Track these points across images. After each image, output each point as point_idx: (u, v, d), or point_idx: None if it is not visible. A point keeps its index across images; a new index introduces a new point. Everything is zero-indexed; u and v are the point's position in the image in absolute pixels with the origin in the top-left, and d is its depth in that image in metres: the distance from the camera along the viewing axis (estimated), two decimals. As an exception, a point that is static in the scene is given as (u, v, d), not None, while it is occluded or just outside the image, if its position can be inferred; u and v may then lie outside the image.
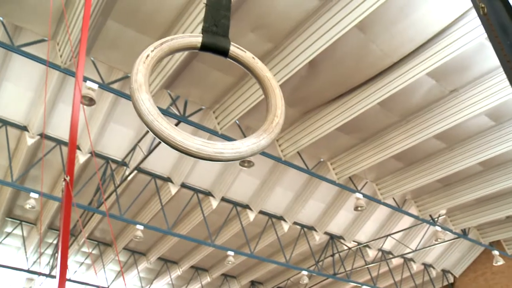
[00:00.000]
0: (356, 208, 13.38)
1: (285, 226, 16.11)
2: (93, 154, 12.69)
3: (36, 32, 9.90)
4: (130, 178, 13.34)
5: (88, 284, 19.27)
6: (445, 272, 21.12)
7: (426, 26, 9.08)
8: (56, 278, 4.45)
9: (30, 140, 12.47)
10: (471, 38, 8.95)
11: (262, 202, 15.15)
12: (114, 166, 13.36)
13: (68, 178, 4.68)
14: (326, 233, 17.31)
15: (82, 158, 12.86)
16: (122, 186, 13.42)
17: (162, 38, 3.11)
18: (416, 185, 13.77)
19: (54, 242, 17.61)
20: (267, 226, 16.02)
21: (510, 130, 11.80)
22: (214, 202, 14.51)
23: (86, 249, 18.22)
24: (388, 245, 18.44)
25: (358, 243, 18.10)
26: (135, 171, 13.05)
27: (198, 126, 10.66)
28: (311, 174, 12.81)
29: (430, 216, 15.71)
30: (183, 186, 14.11)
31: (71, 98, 11.56)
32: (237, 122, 11.25)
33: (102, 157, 13.30)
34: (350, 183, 14.20)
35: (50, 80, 11.24)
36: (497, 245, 18.55)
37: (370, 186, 14.75)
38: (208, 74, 9.99)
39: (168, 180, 13.86)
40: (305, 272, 17.68)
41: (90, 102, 9.56)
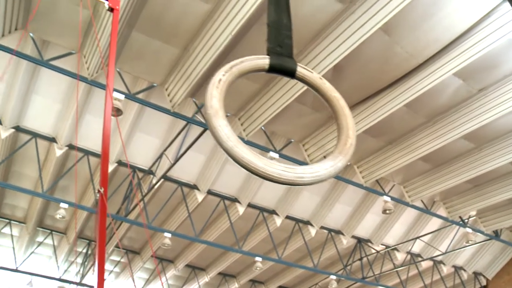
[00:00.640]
0: (384, 211, 13.24)
1: (312, 231, 16.05)
2: (127, 162, 12.84)
3: (63, 45, 10.10)
4: (156, 186, 13.46)
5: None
6: (477, 274, 20.68)
7: (452, 25, 8.94)
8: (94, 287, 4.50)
9: (58, 151, 12.71)
10: (499, 35, 8.78)
11: (289, 207, 15.12)
12: (140, 174, 13.50)
13: (102, 190, 4.75)
14: (354, 236, 17.17)
15: (109, 167, 13.04)
16: (149, 194, 13.55)
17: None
18: (444, 186, 13.54)
19: (84, 251, 17.87)
20: (294, 231, 15.97)
21: (542, 128, 11.54)
22: (241, 208, 14.54)
23: (115, 257, 18.44)
24: (417, 247, 18.18)
25: (386, 246, 17.89)
26: (162, 179, 13.16)
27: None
28: (338, 178, 12.74)
29: (460, 217, 15.43)
30: (210, 193, 14.18)
31: (98, 109, 11.83)
32: (262, 128, 11.25)
33: (128, 165, 13.47)
34: (377, 186, 14.06)
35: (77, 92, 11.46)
36: (530, 245, 18.13)
37: (397, 188, 14.57)
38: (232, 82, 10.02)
39: (194, 187, 13.94)
40: (333, 276, 17.56)
41: (117, 112, 9.69)
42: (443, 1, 8.52)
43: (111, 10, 6.32)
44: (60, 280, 17.84)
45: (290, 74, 3.01)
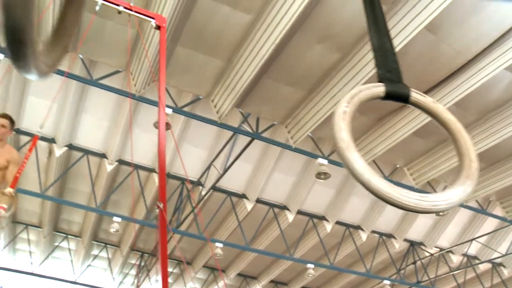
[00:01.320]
0: (437, 213, 12.89)
1: (363, 235, 15.83)
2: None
3: (111, 64, 10.44)
4: (206, 197, 13.63)
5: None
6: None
7: (502, 18, 8.65)
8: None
9: (109, 166, 13.12)
10: (553, 26, 8.46)
11: (338, 212, 14.99)
12: (189, 186, 13.72)
13: (161, 205, 4.85)
14: (406, 240, 16.80)
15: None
16: (199, 205, 13.74)
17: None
18: (500, 185, 13.05)
19: (137, 262, 18.30)
20: (345, 236, 15.79)
21: None
22: (290, 216, 14.52)
23: (168, 268, 18.73)
24: (473, 249, 17.57)
25: (441, 249, 17.39)
26: (211, 190, 13.32)
27: (271, 142, 10.75)
28: (388, 181, 12.50)
29: (519, 217, 14.84)
30: (258, 201, 14.25)
31: (144, 123, 12.10)
32: (309, 134, 11.23)
33: (177, 178, 13.71)
34: (428, 188, 13.72)
35: (124, 108, 11.80)
36: None
37: (450, 189, 14.13)
38: (278, 89, 10.06)
39: (243, 196, 14.04)
40: (387, 281, 17.20)
41: (166, 126, 9.90)
42: (492, -6, 8.29)
43: (158, 27, 6.50)
44: (116, 291, 18.32)
45: (404, 99, 3.02)
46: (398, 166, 13.19)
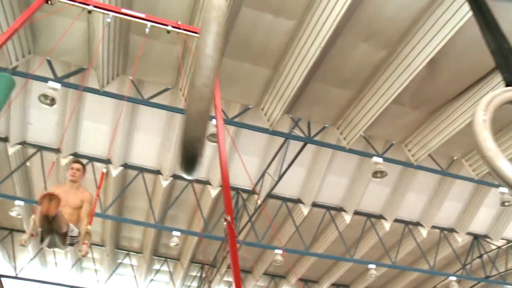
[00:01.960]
0: (502, 203, 12.46)
1: (423, 232, 15.44)
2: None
3: (159, 83, 10.73)
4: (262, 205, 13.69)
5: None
6: None
7: None
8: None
9: (164, 182, 13.37)
10: None
11: (396, 210, 14.70)
12: (244, 195, 13.82)
13: (229, 218, 4.92)
14: (469, 233, 16.25)
15: (214, 192, 13.52)
16: (255, 214, 13.81)
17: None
18: None
19: (198, 274, 18.58)
20: (404, 234, 15.46)
21: None
22: (347, 217, 14.37)
23: (228, 278, 18.93)
24: (545, 239, 16.79)
25: (508, 241, 16.71)
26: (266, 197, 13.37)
27: (324, 145, 10.71)
28: (446, 174, 12.21)
29: None
30: (314, 205, 14.18)
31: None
32: (361, 133, 11.12)
33: (232, 188, 13.80)
34: (488, 178, 13.25)
35: (174, 124, 12.04)
36: None
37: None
38: (326, 92, 10.04)
39: (298, 201, 14.01)
40: (453, 277, 16.66)
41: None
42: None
43: (207, 43, 6.59)
44: (179, 304, 18.65)
45: None
46: (455, 158, 12.83)
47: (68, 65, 10.51)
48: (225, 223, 5.07)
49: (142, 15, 6.01)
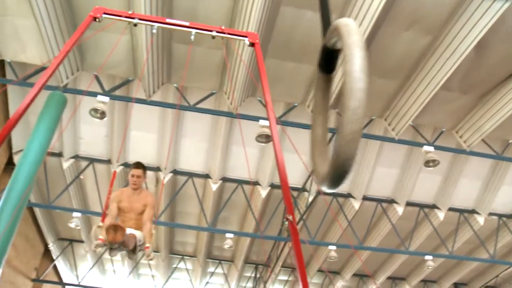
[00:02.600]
0: None
1: (479, 219, 14.94)
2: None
3: (203, 88, 10.85)
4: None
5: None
6: None
7: None
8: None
9: (214, 185, 13.52)
10: None
11: (449, 199, 14.31)
12: (294, 193, 13.80)
13: (290, 217, 4.91)
14: (529, 218, 15.65)
15: (264, 192, 13.56)
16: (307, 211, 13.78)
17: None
18: None
19: (252, 275, 18.71)
20: (460, 222, 15.04)
21: None
22: (399, 208, 14.11)
23: (282, 277, 18.97)
24: None
25: None
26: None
27: (373, 137, 10.57)
28: (502, 158, 11.80)
29: None
30: (365, 198, 14.02)
31: (240, 139, 12.38)
32: (410, 123, 10.90)
33: (279, 187, 13.83)
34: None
35: (219, 127, 12.15)
36: None
37: None
38: (371, 83, 9.79)
39: (349, 196, 13.88)
40: (515, 265, 16.09)
41: (267, 139, 10.10)
42: None
43: (252, 45, 6.63)
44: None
45: None
46: (510, 141, 12.39)
47: (112, 78, 10.80)
48: (286, 223, 5.05)
49: (187, 23, 6.06)
